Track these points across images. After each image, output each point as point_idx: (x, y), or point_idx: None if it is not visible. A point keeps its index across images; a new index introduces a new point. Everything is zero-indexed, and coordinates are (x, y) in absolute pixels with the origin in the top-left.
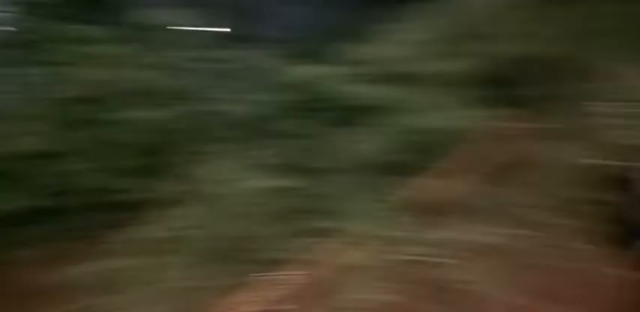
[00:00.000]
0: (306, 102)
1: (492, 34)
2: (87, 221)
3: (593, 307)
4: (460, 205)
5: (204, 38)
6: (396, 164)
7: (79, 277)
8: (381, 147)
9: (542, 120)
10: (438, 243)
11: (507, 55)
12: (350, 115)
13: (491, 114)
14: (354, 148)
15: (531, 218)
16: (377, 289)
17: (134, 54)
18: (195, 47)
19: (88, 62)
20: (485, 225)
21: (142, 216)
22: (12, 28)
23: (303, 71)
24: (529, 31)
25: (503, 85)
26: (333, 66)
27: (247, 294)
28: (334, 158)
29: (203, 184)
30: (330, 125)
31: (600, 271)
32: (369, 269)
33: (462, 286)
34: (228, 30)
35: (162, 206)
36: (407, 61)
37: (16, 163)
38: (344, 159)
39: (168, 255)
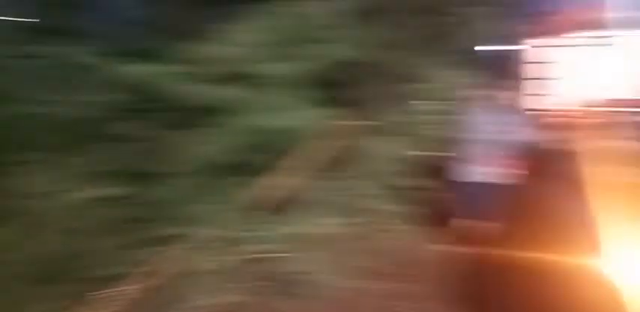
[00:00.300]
0: (140, 103)
1: (325, 39)
2: None
3: (420, 281)
4: (301, 200)
5: (10, 30)
6: (239, 165)
7: None
8: (222, 148)
9: (371, 118)
10: (282, 238)
11: (339, 58)
12: (188, 116)
13: (326, 114)
14: (195, 150)
15: (365, 207)
16: (222, 291)
17: None
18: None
19: None
20: (325, 217)
21: None
22: None
23: (136, 69)
24: (357, 37)
25: (336, 87)
26: (168, 64)
27: None
28: (174, 161)
29: (20, 199)
30: (167, 127)
31: (424, 249)
32: (214, 272)
33: (305, 277)
34: (43, 21)
35: None
36: (245, 61)
37: None
38: (184, 162)
39: None
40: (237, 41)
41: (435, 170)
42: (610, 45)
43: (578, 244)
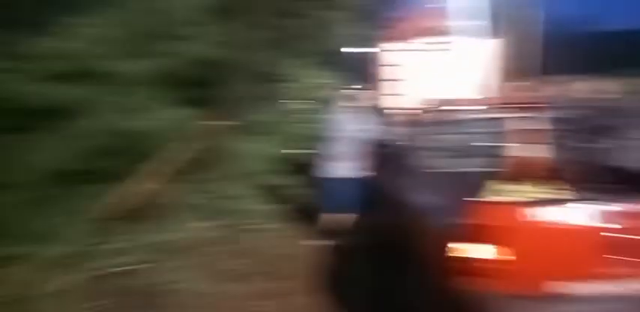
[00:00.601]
0: None
1: (185, 36)
2: None
3: (290, 278)
4: (164, 206)
5: None
6: (90, 171)
7: None
8: (69, 154)
9: (236, 118)
10: (142, 249)
11: (199, 56)
12: (30, 119)
13: (189, 114)
14: (37, 157)
15: (232, 208)
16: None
17: None
18: None
19: None
20: (190, 221)
21: None
22: None
23: None
24: (218, 35)
25: (198, 86)
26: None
27: None
28: (10, 171)
29: None
30: (1, 132)
31: (294, 246)
32: (69, 292)
33: (170, 287)
34: None
35: None
36: (93, 57)
37: None
38: (24, 171)
39: None
40: (83, 36)
41: (301, 168)
42: (449, 50)
43: (429, 230)
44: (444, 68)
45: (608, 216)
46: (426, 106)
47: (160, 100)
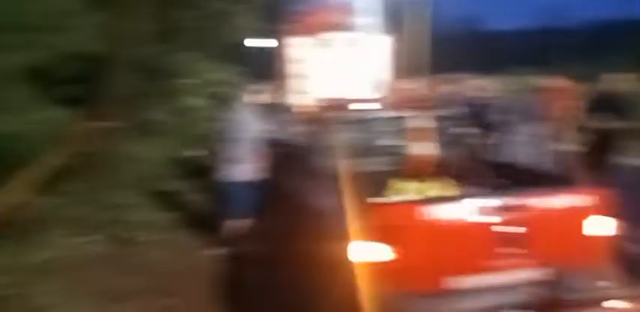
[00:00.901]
0: None
1: (59, 27)
2: None
3: (183, 292)
4: (39, 219)
5: None
6: None
7: None
8: None
9: (125, 117)
10: (13, 270)
11: (79, 50)
12: None
13: (67, 114)
14: None
15: (121, 219)
16: None
17: None
18: None
19: None
20: (70, 236)
21: None
22: None
23: None
24: (101, 28)
25: (78, 83)
26: None
27: None
28: None
29: None
30: None
31: (190, 257)
32: None
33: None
34: None
35: None
36: None
37: None
38: None
39: None
40: None
41: (199, 171)
42: (351, 46)
43: (328, 232)
44: (345, 65)
45: (496, 210)
46: (325, 105)
47: (31, 99)
